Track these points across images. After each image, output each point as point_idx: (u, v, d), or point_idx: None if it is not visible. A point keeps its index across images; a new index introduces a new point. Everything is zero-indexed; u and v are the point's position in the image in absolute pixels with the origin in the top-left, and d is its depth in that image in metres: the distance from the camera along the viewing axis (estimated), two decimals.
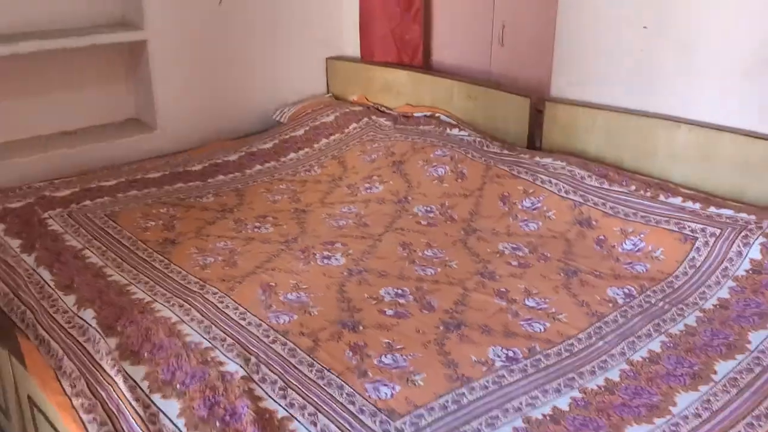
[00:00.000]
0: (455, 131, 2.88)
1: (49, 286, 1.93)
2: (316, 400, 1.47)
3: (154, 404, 1.45)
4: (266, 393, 1.49)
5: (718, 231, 2.02)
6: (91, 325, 1.71)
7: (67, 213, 2.40)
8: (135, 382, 1.51)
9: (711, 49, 2.31)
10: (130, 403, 1.43)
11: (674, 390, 1.51)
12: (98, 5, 2.97)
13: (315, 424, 1.40)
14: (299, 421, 1.41)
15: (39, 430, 1.61)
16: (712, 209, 2.13)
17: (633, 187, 2.30)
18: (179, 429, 1.38)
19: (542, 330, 1.75)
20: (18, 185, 2.60)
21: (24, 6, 2.77)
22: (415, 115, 3.12)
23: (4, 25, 2.73)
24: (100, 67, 3.06)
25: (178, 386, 1.49)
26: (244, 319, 1.77)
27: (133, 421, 1.39)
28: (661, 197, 2.24)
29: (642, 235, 2.12)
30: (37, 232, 2.23)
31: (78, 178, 2.70)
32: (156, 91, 3.05)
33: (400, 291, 1.93)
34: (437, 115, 3.07)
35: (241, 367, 1.55)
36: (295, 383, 1.52)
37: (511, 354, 1.64)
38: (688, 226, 2.08)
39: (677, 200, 2.21)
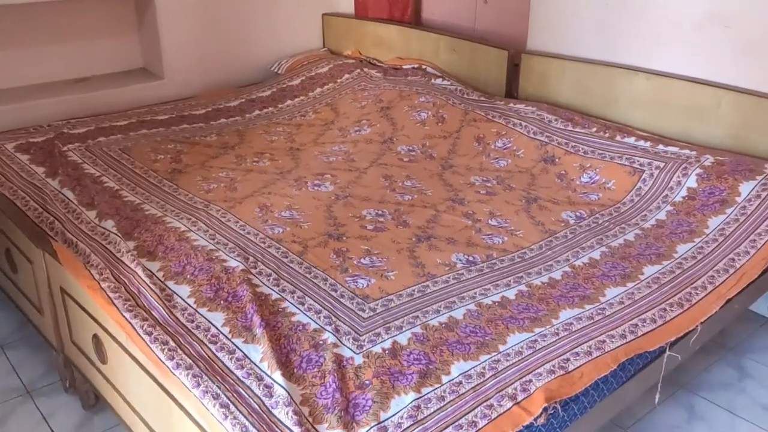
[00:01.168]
0: (439, 81, 3.13)
1: (72, 203, 2.20)
2: (304, 287, 1.75)
3: (169, 288, 1.73)
4: (262, 282, 1.77)
5: (662, 164, 2.29)
6: (112, 232, 1.99)
7: (85, 147, 2.66)
8: (152, 272, 1.79)
9: (666, 7, 2.54)
10: (149, 286, 1.71)
11: (605, 285, 1.79)
12: None
13: (303, 304, 1.68)
14: (289, 302, 1.69)
15: (70, 315, 1.89)
16: (660, 147, 2.40)
17: (594, 129, 2.56)
18: (190, 305, 1.67)
19: (500, 242, 2.02)
20: (37, 124, 2.86)
21: None
22: (404, 67, 3.37)
23: None
24: (111, 19, 3.29)
25: (188, 276, 1.78)
26: (244, 229, 2.05)
27: (152, 298, 1.67)
28: (618, 137, 2.50)
29: (598, 170, 2.39)
30: (58, 162, 2.50)
31: (92, 119, 2.95)
32: (163, 42, 3.29)
33: (380, 212, 2.20)
34: (424, 67, 3.31)
35: (241, 263, 1.83)
36: (286, 275, 1.80)
37: (471, 259, 1.92)
38: (638, 161, 2.35)
39: (631, 140, 2.47)
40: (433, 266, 1.88)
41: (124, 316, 1.59)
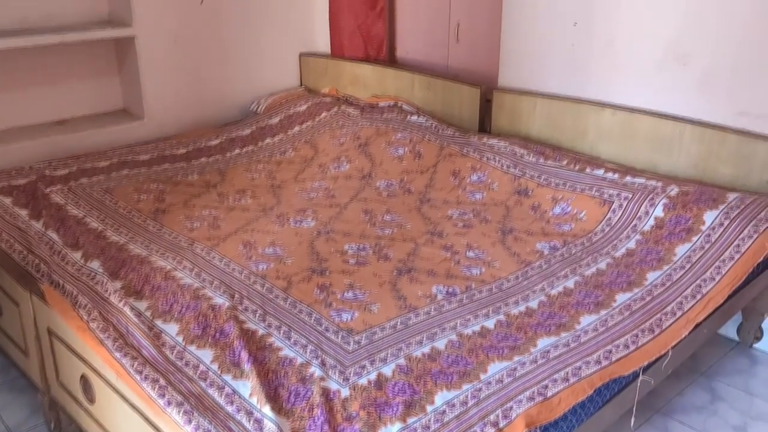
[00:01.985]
0: (415, 118, 3.23)
1: (57, 245, 2.23)
2: (289, 322, 1.80)
3: (157, 326, 1.77)
4: (248, 318, 1.81)
5: (631, 195, 2.39)
6: (98, 272, 2.02)
7: (67, 188, 2.70)
8: (140, 311, 1.82)
9: (630, 44, 2.68)
10: (137, 325, 1.74)
11: (580, 313, 1.87)
12: (88, 4, 3.26)
13: (289, 338, 1.73)
14: (276, 337, 1.73)
15: (57, 356, 1.91)
16: (628, 178, 2.50)
17: (565, 162, 2.67)
18: (179, 343, 1.70)
19: (479, 273, 2.10)
20: (19, 167, 2.89)
21: (20, 5, 3.04)
22: (380, 104, 3.46)
23: (2, 23, 3.00)
24: (91, 62, 3.34)
25: (175, 314, 1.81)
26: (229, 266, 2.09)
27: (141, 337, 1.71)
28: (588, 170, 2.60)
29: (569, 201, 2.49)
30: (42, 204, 2.53)
31: (74, 160, 2.99)
32: (143, 83, 3.34)
33: (361, 246, 2.26)
34: (399, 104, 3.41)
35: (227, 300, 1.87)
36: (272, 311, 1.85)
37: (451, 290, 1.99)
38: (607, 192, 2.45)
39: (600, 172, 2.58)
40: (414, 298, 1.94)
41: (113, 356, 1.63)
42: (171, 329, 1.76)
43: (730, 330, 2.54)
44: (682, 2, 2.50)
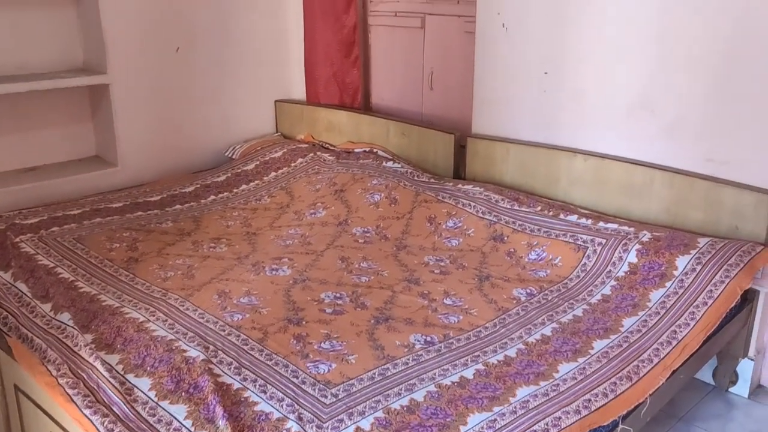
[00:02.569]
0: (390, 164, 3.25)
1: (26, 296, 2.18)
2: (265, 375, 1.77)
3: (129, 381, 1.72)
4: (223, 371, 1.78)
5: (604, 241, 2.42)
6: (68, 325, 1.97)
7: (38, 237, 2.64)
8: (111, 365, 1.78)
9: (600, 93, 2.75)
10: (109, 381, 1.70)
11: (558, 361, 1.86)
12: (63, 52, 3.26)
13: (265, 392, 1.69)
14: (251, 391, 1.70)
15: (23, 414, 1.84)
16: (601, 224, 2.53)
17: (538, 208, 2.70)
18: (151, 398, 1.66)
19: (456, 321, 2.09)
20: None
21: None
22: (356, 150, 3.49)
23: None
24: (64, 109, 3.32)
25: (148, 368, 1.77)
26: (203, 317, 2.06)
27: (112, 393, 1.66)
28: (561, 215, 2.63)
29: (544, 247, 2.51)
30: (11, 253, 2.48)
31: (44, 208, 2.94)
32: (117, 129, 3.32)
33: (338, 294, 2.25)
34: (375, 150, 3.43)
35: (201, 353, 1.84)
36: (247, 364, 1.82)
37: (429, 339, 1.97)
38: (581, 238, 2.47)
39: (574, 217, 2.61)
40: (392, 348, 1.92)
41: (83, 413, 1.58)
42: (143, 384, 1.71)
43: (706, 374, 2.55)
44: (649, 55, 2.57)
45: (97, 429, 1.53)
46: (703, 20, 2.41)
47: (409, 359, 1.87)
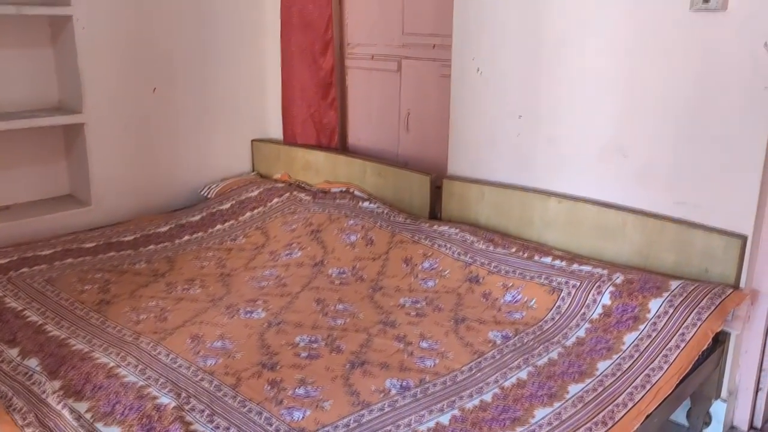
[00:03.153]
0: (367, 204, 3.26)
1: None
2: (239, 423, 1.74)
3: (98, 430, 1.68)
4: (196, 419, 1.74)
5: (578, 283, 2.44)
6: (36, 371, 1.93)
7: (6, 279, 2.60)
8: (79, 414, 1.73)
9: (573, 137, 2.80)
10: (76, 430, 1.65)
11: (534, 406, 1.86)
12: (39, 91, 3.25)
13: None
14: None
15: None
16: (575, 266, 2.56)
17: (513, 249, 2.72)
18: None
19: (432, 365, 2.08)
20: None
21: None
22: (332, 190, 3.50)
23: None
24: (38, 147, 3.30)
25: (117, 416, 1.73)
26: (175, 362, 2.02)
27: None
28: (536, 257, 2.65)
29: (520, 289, 2.52)
30: None
31: (15, 249, 2.90)
32: (91, 168, 3.30)
33: (313, 338, 2.23)
34: (351, 190, 3.45)
35: (173, 399, 1.80)
36: (220, 411, 1.79)
37: (404, 384, 1.96)
38: (555, 280, 2.49)
39: (548, 259, 2.63)
40: (367, 393, 1.90)
41: None
42: None
43: (680, 415, 2.56)
44: (619, 103, 2.64)
45: None
46: (668, 63, 2.47)
47: (384, 405, 1.85)
